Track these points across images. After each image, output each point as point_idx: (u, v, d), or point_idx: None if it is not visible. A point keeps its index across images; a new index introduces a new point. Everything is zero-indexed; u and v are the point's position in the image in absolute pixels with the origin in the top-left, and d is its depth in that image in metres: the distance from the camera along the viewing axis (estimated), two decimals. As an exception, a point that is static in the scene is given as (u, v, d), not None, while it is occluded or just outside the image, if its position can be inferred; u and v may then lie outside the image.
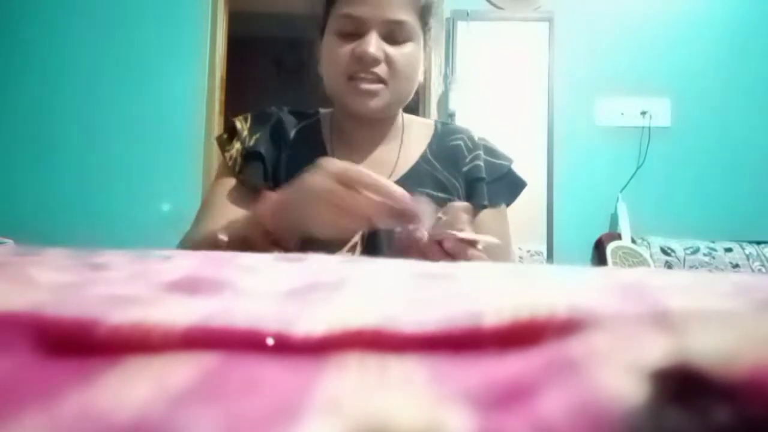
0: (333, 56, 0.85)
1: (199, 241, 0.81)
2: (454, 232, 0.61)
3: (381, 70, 0.83)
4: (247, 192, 0.89)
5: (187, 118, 2.60)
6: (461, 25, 2.65)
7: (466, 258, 0.62)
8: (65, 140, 2.59)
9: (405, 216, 0.62)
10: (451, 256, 0.62)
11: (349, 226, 0.63)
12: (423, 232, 0.62)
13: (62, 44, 2.63)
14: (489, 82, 2.65)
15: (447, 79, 2.61)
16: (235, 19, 2.82)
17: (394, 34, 0.83)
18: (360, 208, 0.61)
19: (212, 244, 0.72)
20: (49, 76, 2.62)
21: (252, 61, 3.98)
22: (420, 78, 0.92)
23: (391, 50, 0.83)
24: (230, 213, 0.87)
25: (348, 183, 0.62)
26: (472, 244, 0.63)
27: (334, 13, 0.85)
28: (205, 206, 0.91)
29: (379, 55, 0.82)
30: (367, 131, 0.93)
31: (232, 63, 2.83)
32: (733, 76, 2.60)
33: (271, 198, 0.70)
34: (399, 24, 0.83)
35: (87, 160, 2.57)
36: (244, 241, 0.69)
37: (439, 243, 0.62)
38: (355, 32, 0.83)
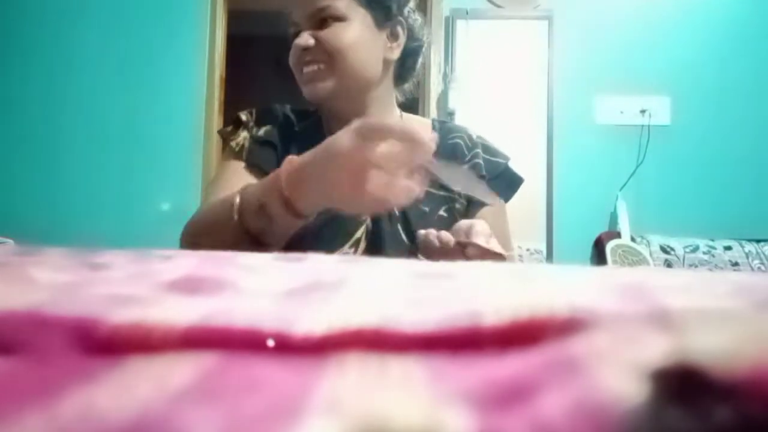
0: (289, 59, 0.91)
1: (209, 207, 0.79)
2: (479, 243, 0.62)
3: (316, 56, 0.87)
4: (256, 175, 0.88)
5: (186, 116, 2.60)
6: (460, 24, 2.64)
7: None
8: (64, 139, 2.58)
9: (422, 153, 0.60)
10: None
11: (368, 196, 0.60)
12: (445, 237, 0.62)
13: (61, 44, 2.63)
14: (488, 81, 2.65)
15: (446, 77, 2.60)
16: (234, 18, 2.82)
17: (324, 21, 0.88)
18: (387, 161, 0.59)
19: (225, 206, 0.71)
20: (49, 75, 2.62)
21: (251, 60, 3.97)
22: (390, 56, 0.92)
23: (320, 33, 0.87)
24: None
25: (370, 136, 0.60)
26: (496, 255, 0.63)
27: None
28: (213, 188, 0.90)
29: (308, 43, 0.87)
30: None
31: (232, 62, 2.83)
32: (733, 74, 2.60)
33: (294, 162, 0.67)
34: (323, 9, 0.87)
35: (86, 159, 2.57)
36: (260, 207, 0.67)
37: (462, 247, 0.62)
38: (297, 34, 0.89)
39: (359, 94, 0.92)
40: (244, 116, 0.94)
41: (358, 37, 0.88)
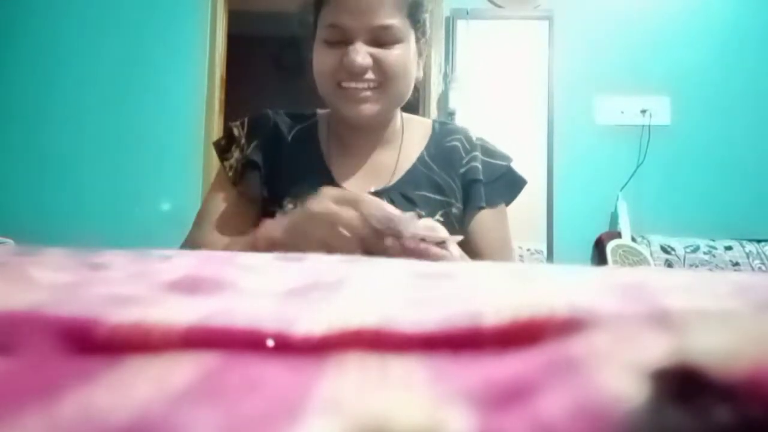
0: (321, 64, 0.84)
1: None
2: (416, 232, 0.62)
3: (371, 76, 0.83)
4: (245, 201, 0.89)
5: (186, 117, 2.60)
6: (461, 24, 2.64)
7: (433, 257, 0.62)
8: (64, 140, 2.58)
9: (392, 231, 0.62)
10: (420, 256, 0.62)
11: (342, 244, 0.62)
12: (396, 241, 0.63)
13: (61, 44, 2.63)
14: (489, 81, 2.64)
15: (447, 77, 2.60)
16: (234, 18, 2.82)
17: (381, 38, 0.83)
18: (353, 223, 0.61)
19: None
20: (48, 76, 2.62)
21: (252, 60, 3.97)
22: (419, 74, 0.91)
23: (379, 53, 0.82)
24: (227, 223, 0.87)
25: (345, 204, 0.62)
26: (439, 243, 0.63)
27: (320, 22, 0.85)
28: (203, 214, 0.91)
29: (367, 62, 0.82)
30: (363, 136, 0.93)
31: (232, 62, 2.83)
32: (733, 74, 2.60)
33: (270, 225, 0.70)
34: (385, 28, 0.82)
35: (86, 160, 2.57)
36: None
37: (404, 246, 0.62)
38: (342, 41, 0.83)
39: (392, 112, 0.92)
40: (236, 130, 0.93)
41: (412, 61, 0.86)
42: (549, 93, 2.61)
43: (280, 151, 0.91)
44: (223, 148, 0.93)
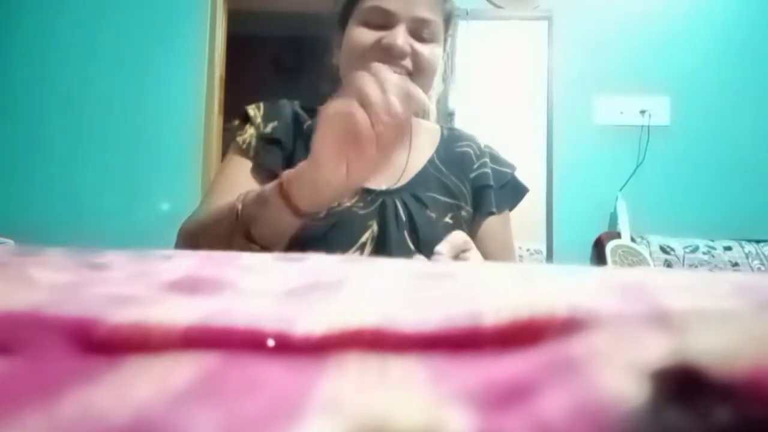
0: (356, 43, 0.84)
1: (213, 210, 0.77)
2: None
3: (406, 63, 0.83)
4: (262, 176, 0.87)
5: (185, 117, 2.59)
6: (461, 24, 2.64)
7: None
8: (64, 140, 2.58)
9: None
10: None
11: (359, 137, 0.60)
12: None
13: (59, 44, 2.63)
14: (488, 81, 2.65)
15: (446, 78, 2.60)
16: (234, 18, 2.82)
17: (420, 32, 0.84)
18: (364, 119, 0.59)
19: (229, 210, 0.69)
20: (48, 76, 2.62)
21: (251, 60, 3.97)
22: (435, 83, 0.92)
23: (417, 45, 0.83)
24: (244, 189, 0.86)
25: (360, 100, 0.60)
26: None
27: (360, 5, 0.85)
28: (216, 184, 0.89)
29: (407, 48, 0.82)
30: None
31: (231, 62, 2.83)
32: (733, 74, 2.60)
33: (298, 166, 0.67)
34: (427, 23, 0.83)
35: (85, 160, 2.57)
36: (258, 199, 0.67)
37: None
38: (383, 24, 0.83)
39: None
40: (251, 111, 0.91)
41: (439, 63, 0.88)
42: (548, 93, 2.61)
43: (298, 139, 0.90)
44: (237, 127, 0.92)
